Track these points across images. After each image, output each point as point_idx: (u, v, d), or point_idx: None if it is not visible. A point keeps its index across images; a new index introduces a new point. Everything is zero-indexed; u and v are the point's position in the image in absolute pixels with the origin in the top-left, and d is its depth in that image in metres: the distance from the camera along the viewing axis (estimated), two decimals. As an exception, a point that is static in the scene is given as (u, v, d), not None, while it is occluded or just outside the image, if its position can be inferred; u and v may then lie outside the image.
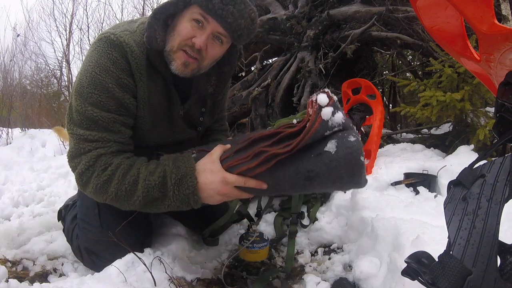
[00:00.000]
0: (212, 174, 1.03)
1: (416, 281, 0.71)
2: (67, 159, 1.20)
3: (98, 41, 1.18)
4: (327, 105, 0.93)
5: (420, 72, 3.44)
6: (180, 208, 1.09)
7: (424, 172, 1.71)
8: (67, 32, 6.71)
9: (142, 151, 1.26)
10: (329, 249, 1.51)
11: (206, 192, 1.06)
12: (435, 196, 1.56)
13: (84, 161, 1.13)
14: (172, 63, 1.16)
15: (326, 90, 0.97)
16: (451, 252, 0.66)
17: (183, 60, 1.16)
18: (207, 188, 1.05)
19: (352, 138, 0.92)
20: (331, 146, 0.92)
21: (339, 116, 0.92)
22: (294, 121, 1.02)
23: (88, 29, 6.60)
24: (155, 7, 1.34)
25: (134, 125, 1.25)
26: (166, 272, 1.17)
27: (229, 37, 1.17)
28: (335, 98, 0.96)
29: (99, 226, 1.34)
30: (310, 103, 0.96)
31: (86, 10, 6.76)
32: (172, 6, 1.15)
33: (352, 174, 0.94)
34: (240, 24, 1.12)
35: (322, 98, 0.93)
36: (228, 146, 1.08)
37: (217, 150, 1.08)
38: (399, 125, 3.81)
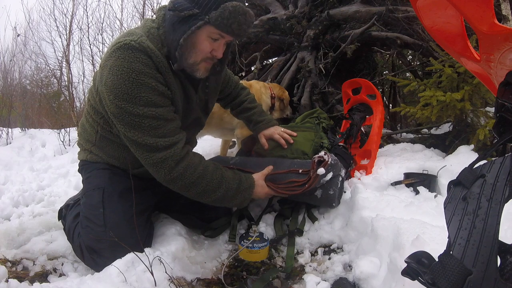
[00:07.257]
0: (262, 188, 1.55)
1: (416, 281, 0.71)
2: (145, 156, 1.30)
3: (118, 50, 1.24)
4: (324, 174, 1.54)
5: (420, 72, 3.44)
6: (232, 204, 1.51)
7: (424, 172, 1.71)
8: (67, 32, 6.67)
9: None
10: (329, 249, 1.50)
11: (255, 195, 1.54)
12: (435, 196, 1.55)
13: (171, 159, 1.30)
14: (196, 72, 1.36)
15: (327, 159, 1.56)
16: (451, 252, 0.66)
17: (205, 68, 1.38)
18: (256, 194, 1.54)
19: (331, 192, 1.58)
20: (318, 193, 1.59)
21: (329, 176, 1.55)
22: (300, 170, 1.59)
23: (88, 29, 6.56)
24: (155, 7, 1.48)
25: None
26: (166, 272, 1.17)
27: None
28: (329, 161, 1.55)
29: (103, 225, 1.35)
30: (313, 163, 1.56)
31: (86, 10, 6.70)
32: (185, 28, 1.26)
33: (326, 206, 1.67)
34: (247, 32, 1.33)
35: (321, 170, 1.53)
36: (271, 167, 1.62)
37: (265, 172, 1.58)
38: (399, 125, 3.81)
